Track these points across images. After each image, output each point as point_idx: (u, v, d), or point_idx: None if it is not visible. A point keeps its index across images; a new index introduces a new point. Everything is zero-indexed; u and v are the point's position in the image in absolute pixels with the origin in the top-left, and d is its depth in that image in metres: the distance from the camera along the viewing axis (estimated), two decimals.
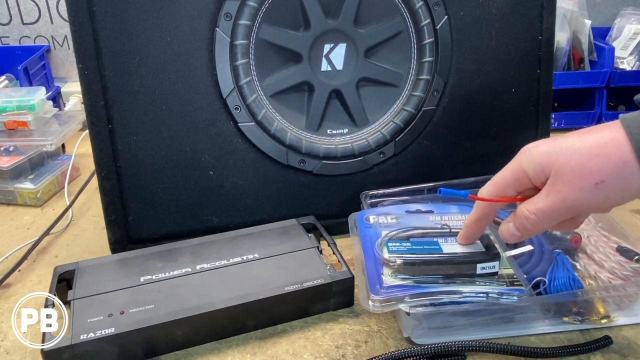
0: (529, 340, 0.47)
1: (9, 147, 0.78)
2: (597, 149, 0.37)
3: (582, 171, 0.37)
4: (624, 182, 0.36)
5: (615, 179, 0.36)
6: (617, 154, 0.36)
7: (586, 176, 0.37)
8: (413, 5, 0.60)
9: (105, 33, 0.53)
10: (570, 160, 0.37)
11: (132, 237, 0.59)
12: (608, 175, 0.36)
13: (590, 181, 0.37)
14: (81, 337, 0.43)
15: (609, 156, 0.36)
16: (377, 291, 0.46)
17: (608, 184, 0.37)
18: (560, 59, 0.96)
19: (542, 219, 0.40)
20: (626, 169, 0.36)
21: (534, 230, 0.41)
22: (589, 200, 0.38)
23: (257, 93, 0.59)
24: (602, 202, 0.38)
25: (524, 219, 0.41)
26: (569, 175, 0.37)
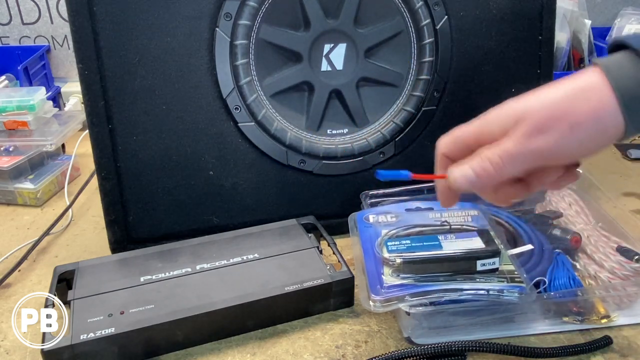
0: (529, 340, 0.47)
1: (9, 147, 0.78)
2: (574, 92, 0.35)
3: (556, 113, 0.34)
4: (601, 126, 0.34)
5: (592, 122, 0.34)
6: (596, 96, 0.34)
7: (560, 118, 0.34)
8: (413, 5, 0.60)
9: (105, 33, 0.53)
10: (544, 102, 0.35)
11: (132, 237, 0.59)
12: (585, 117, 0.34)
13: (564, 123, 0.34)
14: (81, 337, 0.43)
15: (588, 99, 0.34)
16: (378, 291, 0.46)
17: (583, 128, 0.34)
18: (560, 59, 0.96)
19: (507, 163, 0.36)
20: (605, 111, 0.33)
21: (494, 176, 0.36)
22: (560, 145, 0.34)
23: (257, 93, 0.59)
24: (574, 149, 0.35)
25: (486, 160, 0.36)
26: (542, 116, 0.35)
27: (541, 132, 0.35)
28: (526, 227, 0.55)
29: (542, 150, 0.35)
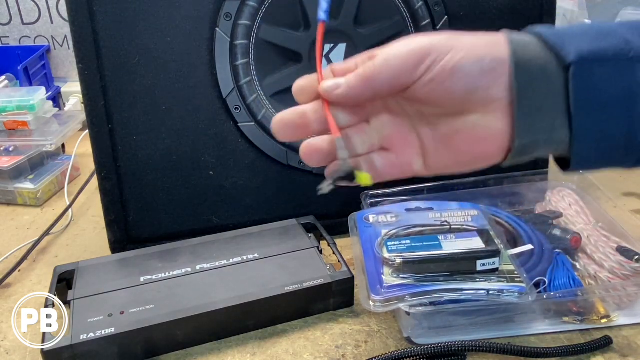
0: (529, 340, 0.47)
1: (9, 147, 0.78)
2: (476, 37, 0.32)
3: (449, 34, 0.32)
4: (485, 46, 0.31)
5: (478, 51, 0.31)
6: (494, 40, 0.31)
7: (439, 32, 0.33)
8: (413, 5, 0.60)
9: (105, 33, 0.53)
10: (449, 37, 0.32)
11: (132, 237, 0.59)
12: (476, 43, 0.31)
13: (449, 33, 0.31)
14: (81, 337, 0.43)
15: (485, 37, 0.32)
16: (378, 291, 0.46)
17: (466, 36, 0.31)
18: None
19: (380, 65, 0.31)
20: (495, 50, 0.31)
21: (368, 78, 0.31)
22: (440, 43, 0.30)
23: (257, 93, 0.59)
24: (451, 84, 0.30)
25: (368, 60, 0.32)
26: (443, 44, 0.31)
27: (425, 36, 0.32)
28: (526, 227, 0.55)
29: (422, 46, 0.30)
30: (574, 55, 0.30)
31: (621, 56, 0.30)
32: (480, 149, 0.32)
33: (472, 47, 0.30)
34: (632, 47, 0.30)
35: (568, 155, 0.32)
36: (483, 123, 0.31)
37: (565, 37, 0.31)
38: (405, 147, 0.34)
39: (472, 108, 0.31)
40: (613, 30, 0.31)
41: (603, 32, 0.31)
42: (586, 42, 0.30)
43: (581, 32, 0.31)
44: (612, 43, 0.30)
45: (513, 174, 0.63)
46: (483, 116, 0.31)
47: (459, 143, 0.32)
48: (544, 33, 0.31)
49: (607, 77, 0.30)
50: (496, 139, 0.31)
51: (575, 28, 0.32)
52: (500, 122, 0.31)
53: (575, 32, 0.31)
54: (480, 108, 0.31)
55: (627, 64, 0.30)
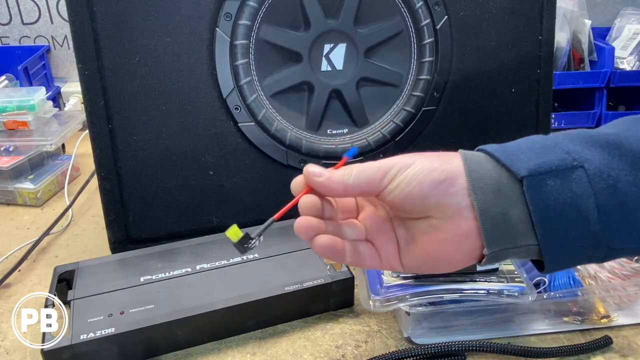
0: (529, 340, 0.47)
1: (9, 147, 0.78)
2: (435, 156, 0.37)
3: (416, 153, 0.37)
4: (439, 161, 0.36)
5: (433, 161, 0.36)
6: (449, 156, 0.36)
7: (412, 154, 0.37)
8: (413, 5, 0.60)
9: (105, 33, 0.53)
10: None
11: (132, 237, 0.59)
12: (433, 158, 0.36)
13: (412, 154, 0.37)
14: (81, 337, 0.43)
15: (443, 154, 0.37)
16: (378, 291, 0.46)
17: (426, 154, 0.37)
18: (560, 59, 0.96)
19: (363, 171, 0.36)
20: (447, 164, 0.35)
21: (338, 181, 0.36)
22: (405, 159, 0.36)
23: (257, 93, 0.59)
24: (417, 193, 0.35)
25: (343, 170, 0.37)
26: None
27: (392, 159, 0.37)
28: None
29: (386, 163, 0.36)
30: (525, 170, 0.34)
31: (564, 166, 0.34)
32: (444, 250, 0.36)
33: (428, 161, 0.36)
34: (573, 157, 0.34)
35: (541, 259, 0.35)
36: (443, 227, 0.35)
37: (514, 154, 0.35)
38: (386, 243, 0.38)
39: (431, 213, 0.35)
40: (555, 143, 0.35)
41: (547, 147, 0.35)
42: (533, 158, 0.34)
43: (527, 148, 0.35)
44: (556, 155, 0.34)
45: None
46: (442, 221, 0.35)
47: (426, 244, 0.36)
48: (494, 151, 0.35)
49: (557, 187, 0.33)
50: (461, 243, 0.35)
51: (522, 144, 0.36)
52: (459, 228, 0.35)
53: (522, 148, 0.35)
54: (438, 213, 0.35)
55: (570, 172, 0.33)
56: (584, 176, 0.33)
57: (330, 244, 0.36)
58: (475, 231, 0.34)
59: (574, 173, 0.33)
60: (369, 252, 0.38)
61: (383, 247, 0.38)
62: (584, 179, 0.33)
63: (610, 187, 0.33)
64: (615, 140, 0.34)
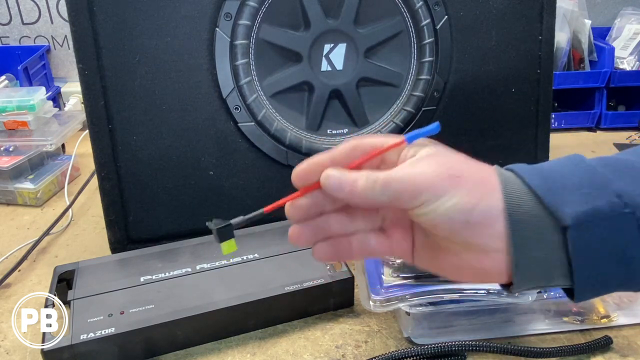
0: (529, 340, 0.47)
1: (9, 147, 0.78)
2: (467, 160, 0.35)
3: (446, 163, 0.34)
4: (477, 196, 0.32)
5: (471, 184, 0.32)
6: (487, 189, 0.33)
7: (445, 164, 0.33)
8: (413, 5, 0.60)
9: (105, 33, 0.53)
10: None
11: (132, 237, 0.59)
12: (471, 190, 0.32)
13: (445, 168, 0.33)
14: (81, 337, 0.43)
15: (480, 184, 0.33)
16: (378, 291, 0.46)
17: (463, 181, 0.32)
18: (560, 59, 0.96)
19: (389, 186, 0.32)
20: (486, 201, 0.32)
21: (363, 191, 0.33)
22: (439, 183, 0.32)
23: (257, 93, 0.59)
24: (443, 198, 0.31)
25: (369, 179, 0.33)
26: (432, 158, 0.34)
27: (424, 166, 0.34)
28: None
29: (416, 182, 0.32)
30: (571, 219, 0.31)
31: (615, 212, 0.31)
32: (459, 274, 0.34)
33: (466, 195, 0.32)
34: (625, 201, 0.31)
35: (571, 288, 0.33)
36: (465, 257, 0.33)
37: (559, 194, 0.32)
38: (402, 239, 0.36)
39: (456, 244, 0.33)
40: (604, 182, 0.32)
41: (596, 186, 0.32)
42: (581, 202, 0.31)
43: (573, 185, 0.32)
44: (607, 200, 0.31)
45: None
46: (466, 253, 0.33)
47: (441, 261, 0.34)
48: (537, 188, 0.32)
49: (603, 235, 0.31)
50: (479, 275, 0.33)
51: (567, 175, 0.33)
52: (482, 264, 0.32)
53: (568, 185, 0.32)
54: (464, 247, 0.33)
55: (620, 220, 0.31)
56: (634, 224, 0.31)
57: (332, 252, 0.34)
58: (500, 270, 0.32)
59: (623, 221, 0.31)
60: (381, 243, 0.35)
61: (397, 242, 0.36)
62: (634, 226, 0.31)
63: None
64: None
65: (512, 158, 0.67)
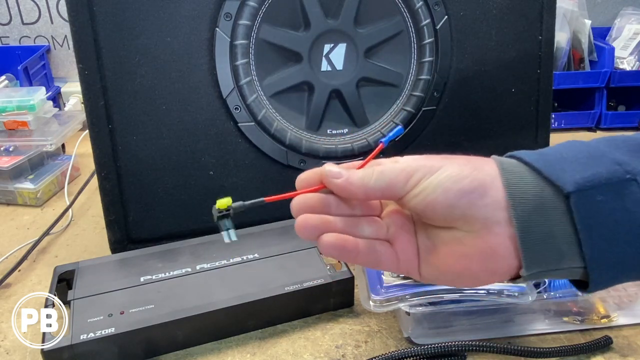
0: (529, 340, 0.47)
1: (9, 147, 0.78)
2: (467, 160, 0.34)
3: (435, 154, 0.34)
4: (470, 167, 0.33)
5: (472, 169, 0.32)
6: (481, 163, 0.33)
7: (434, 155, 0.34)
8: (413, 5, 0.60)
9: (105, 33, 0.53)
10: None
11: (132, 237, 0.59)
12: (463, 165, 0.33)
13: (435, 156, 0.34)
14: (81, 337, 0.43)
15: (475, 160, 0.34)
16: (378, 291, 0.46)
17: (455, 159, 0.33)
18: (560, 59, 0.96)
19: (384, 173, 0.33)
20: (479, 172, 0.32)
21: (362, 187, 0.33)
22: (431, 162, 0.33)
23: (257, 93, 0.59)
24: (442, 182, 0.32)
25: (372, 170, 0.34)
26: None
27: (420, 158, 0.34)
28: None
29: (414, 166, 0.33)
30: (572, 185, 0.30)
31: (616, 179, 0.30)
32: (466, 266, 0.32)
33: (458, 167, 0.32)
34: (625, 169, 0.30)
35: (585, 279, 0.31)
36: (468, 241, 0.32)
37: (557, 165, 0.31)
38: (407, 247, 0.35)
39: (456, 224, 0.32)
40: (601, 152, 0.31)
41: (593, 156, 0.31)
42: (580, 170, 0.31)
43: (571, 157, 0.32)
44: (606, 167, 0.30)
45: None
46: (467, 234, 0.32)
47: (447, 257, 0.33)
48: (534, 161, 0.32)
49: (608, 203, 0.30)
50: (487, 260, 0.32)
51: (564, 152, 0.32)
52: (487, 244, 0.31)
53: (566, 157, 0.32)
54: (464, 225, 0.32)
55: (623, 186, 0.30)
56: (638, 191, 0.30)
57: (339, 243, 0.33)
58: (506, 249, 0.31)
59: (627, 187, 0.30)
60: (387, 252, 0.34)
61: (403, 250, 0.35)
62: (638, 194, 0.30)
63: None
64: None
65: None
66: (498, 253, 0.31)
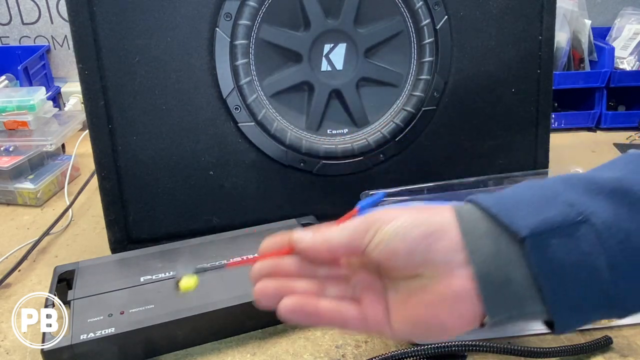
0: (529, 340, 0.47)
1: (9, 147, 0.78)
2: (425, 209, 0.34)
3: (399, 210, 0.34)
4: (427, 213, 0.33)
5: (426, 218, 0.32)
6: (437, 209, 0.33)
7: (397, 211, 0.34)
8: (413, 5, 0.60)
9: (105, 33, 0.53)
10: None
11: (132, 237, 0.59)
12: (420, 211, 0.33)
13: (398, 209, 0.34)
14: (81, 337, 0.43)
15: (432, 208, 0.34)
16: None
17: (412, 209, 0.33)
18: (560, 59, 0.96)
19: (344, 228, 0.34)
20: (436, 217, 0.32)
21: (323, 245, 0.34)
22: (388, 212, 0.33)
23: (257, 93, 0.59)
24: (404, 248, 0.32)
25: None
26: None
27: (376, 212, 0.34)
28: None
29: (374, 219, 0.33)
30: (526, 229, 0.30)
31: (569, 221, 0.30)
32: (434, 314, 0.32)
33: (414, 214, 0.33)
34: (578, 210, 0.30)
35: (551, 321, 0.31)
36: (432, 287, 0.32)
37: (512, 210, 0.31)
38: (374, 304, 0.34)
39: (419, 270, 0.32)
40: (556, 193, 0.31)
41: (548, 198, 0.31)
42: (534, 214, 0.30)
43: (525, 200, 0.32)
44: (559, 209, 0.30)
45: (513, 174, 0.63)
46: (431, 280, 0.32)
47: (415, 307, 0.33)
48: (490, 207, 0.32)
49: (563, 246, 0.30)
50: (453, 306, 0.31)
51: (519, 194, 0.32)
52: (450, 289, 0.31)
53: (520, 201, 0.32)
54: (427, 271, 0.32)
55: (576, 228, 0.30)
56: (592, 232, 0.29)
57: (297, 307, 0.33)
58: (468, 293, 0.31)
59: (580, 229, 0.30)
60: (353, 312, 0.34)
61: (370, 308, 0.34)
62: (592, 236, 0.29)
63: (621, 242, 0.29)
64: (621, 186, 0.30)
65: (512, 158, 0.68)
66: (462, 297, 0.31)
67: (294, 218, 0.60)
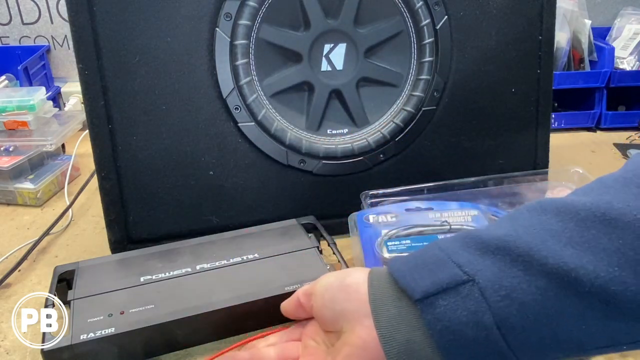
0: None
1: (9, 147, 0.78)
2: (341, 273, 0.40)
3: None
4: (347, 272, 0.39)
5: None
6: (361, 270, 0.39)
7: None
8: (413, 5, 0.60)
9: (105, 33, 0.53)
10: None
11: (132, 237, 0.59)
12: (344, 270, 0.40)
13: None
14: (81, 337, 0.43)
15: (357, 269, 0.40)
16: None
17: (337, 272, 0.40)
18: (560, 59, 0.96)
19: (294, 298, 0.43)
20: (360, 283, 0.37)
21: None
22: (321, 278, 0.40)
23: (257, 93, 0.59)
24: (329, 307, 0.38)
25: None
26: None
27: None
28: None
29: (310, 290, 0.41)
30: (419, 293, 0.32)
31: (455, 282, 0.31)
32: None
33: (339, 272, 0.39)
34: (464, 270, 0.31)
35: None
36: (349, 339, 0.35)
37: (412, 273, 0.34)
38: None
39: (340, 323, 0.36)
40: (449, 255, 0.33)
41: (441, 261, 0.33)
42: (427, 276, 0.33)
43: (423, 264, 0.34)
44: (448, 271, 0.32)
45: (513, 174, 0.63)
46: (347, 334, 0.35)
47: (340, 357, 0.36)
48: (394, 271, 0.35)
49: (450, 306, 0.31)
50: (363, 355, 0.34)
51: (418, 258, 0.35)
52: (360, 338, 0.34)
53: (419, 264, 0.34)
54: (345, 323, 0.36)
55: (462, 288, 0.31)
56: (476, 290, 0.30)
57: None
58: (376, 344, 0.33)
59: (465, 289, 0.31)
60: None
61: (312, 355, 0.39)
62: (477, 294, 0.30)
63: (505, 298, 0.30)
64: (504, 243, 0.31)
65: (512, 158, 0.68)
66: (370, 347, 0.34)
67: (294, 218, 0.60)
